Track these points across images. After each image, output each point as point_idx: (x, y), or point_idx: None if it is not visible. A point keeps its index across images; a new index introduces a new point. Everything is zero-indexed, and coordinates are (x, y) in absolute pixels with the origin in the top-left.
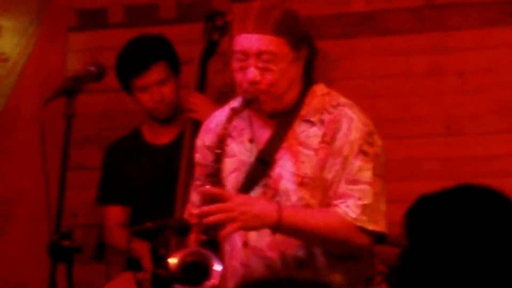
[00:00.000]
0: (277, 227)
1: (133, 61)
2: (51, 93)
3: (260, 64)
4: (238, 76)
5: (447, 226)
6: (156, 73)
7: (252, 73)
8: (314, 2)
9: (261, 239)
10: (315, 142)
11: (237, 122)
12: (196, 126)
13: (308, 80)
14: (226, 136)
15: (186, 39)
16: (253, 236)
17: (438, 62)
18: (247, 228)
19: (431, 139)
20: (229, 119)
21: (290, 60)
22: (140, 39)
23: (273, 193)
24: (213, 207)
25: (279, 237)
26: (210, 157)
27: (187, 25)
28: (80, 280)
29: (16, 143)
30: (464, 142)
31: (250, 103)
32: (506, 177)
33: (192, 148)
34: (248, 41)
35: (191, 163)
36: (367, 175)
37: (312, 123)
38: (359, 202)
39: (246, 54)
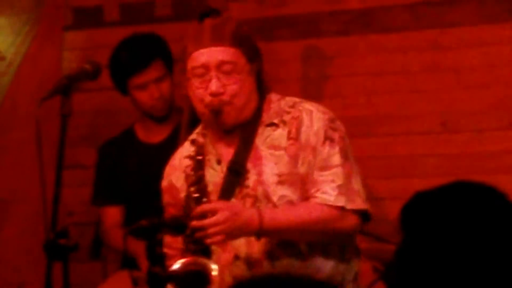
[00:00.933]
0: (260, 233)
1: (132, 59)
2: (47, 92)
3: (221, 75)
4: (199, 93)
5: (443, 223)
6: (155, 70)
7: (215, 84)
8: None
9: (251, 248)
10: (282, 142)
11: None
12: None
13: (261, 92)
14: (204, 144)
15: (182, 37)
16: (242, 247)
17: (434, 59)
18: (230, 239)
19: (427, 136)
20: (203, 127)
21: (247, 72)
22: (137, 38)
23: (253, 200)
24: (203, 223)
25: (266, 241)
26: (182, 176)
27: (183, 23)
28: (76, 279)
29: (12, 142)
30: (460, 139)
31: (216, 114)
32: (502, 174)
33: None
34: (207, 54)
35: None
36: (336, 159)
37: (276, 126)
38: (333, 184)
39: (206, 68)
